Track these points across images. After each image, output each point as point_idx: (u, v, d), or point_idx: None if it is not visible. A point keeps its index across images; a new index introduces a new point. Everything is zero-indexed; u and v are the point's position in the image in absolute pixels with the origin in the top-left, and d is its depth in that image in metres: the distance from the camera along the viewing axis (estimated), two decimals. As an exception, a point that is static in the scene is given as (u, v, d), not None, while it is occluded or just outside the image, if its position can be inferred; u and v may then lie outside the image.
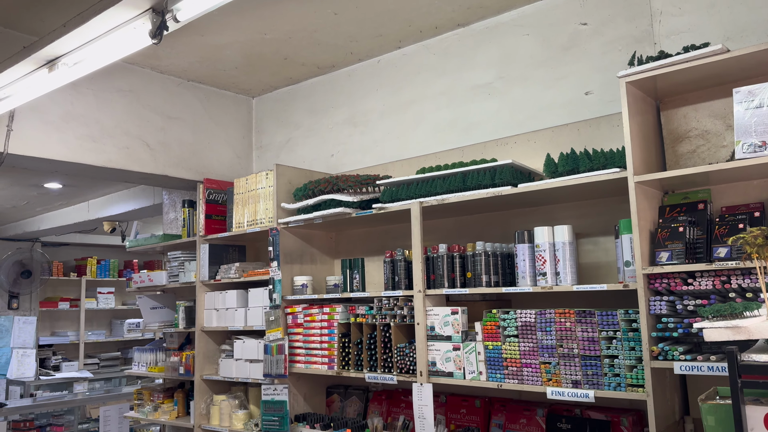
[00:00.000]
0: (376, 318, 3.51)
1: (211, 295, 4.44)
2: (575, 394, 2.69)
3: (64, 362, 7.56)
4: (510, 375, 2.93)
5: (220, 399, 4.30)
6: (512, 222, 3.43)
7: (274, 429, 3.80)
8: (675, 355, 2.40)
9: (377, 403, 3.89)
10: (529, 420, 3.17)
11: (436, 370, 3.20)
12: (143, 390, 4.98)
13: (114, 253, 8.81)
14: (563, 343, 2.77)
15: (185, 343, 4.80)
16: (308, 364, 3.80)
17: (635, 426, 2.85)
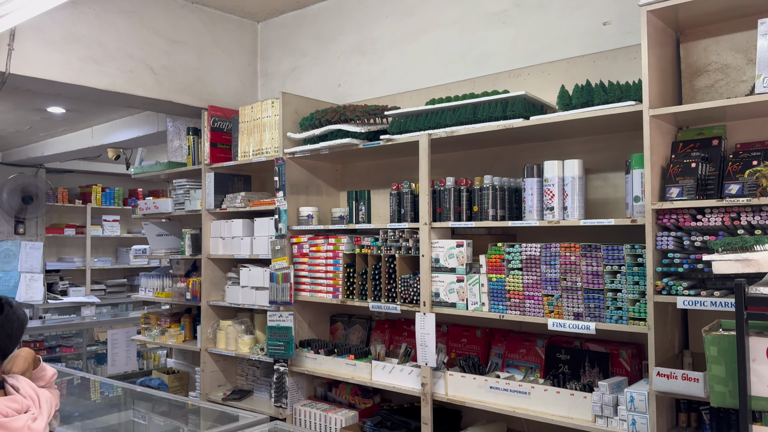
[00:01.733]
0: (381, 249, 3.53)
1: (216, 223, 4.46)
2: (576, 326, 2.73)
3: (71, 287, 7.70)
4: (512, 306, 2.97)
5: (227, 324, 4.40)
6: (521, 157, 3.39)
7: (280, 353, 3.90)
8: (679, 290, 2.42)
9: (380, 332, 3.97)
10: (528, 350, 3.24)
11: (439, 300, 3.25)
12: (150, 314, 5.08)
13: (119, 181, 8.81)
14: (567, 277, 2.79)
15: (191, 270, 4.86)
16: (313, 293, 3.85)
17: (634, 359, 2.91)
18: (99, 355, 6.61)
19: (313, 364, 3.81)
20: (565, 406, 2.77)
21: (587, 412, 2.71)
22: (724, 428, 2.52)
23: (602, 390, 2.65)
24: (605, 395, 2.63)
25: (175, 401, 2.94)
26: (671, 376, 2.35)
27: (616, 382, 2.69)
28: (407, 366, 3.44)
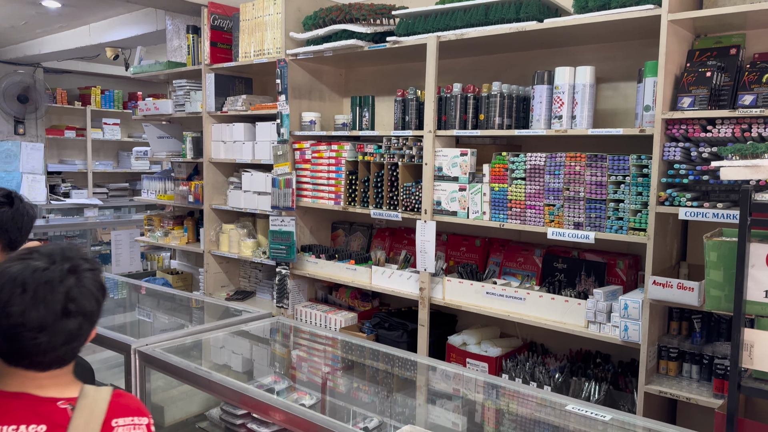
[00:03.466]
0: (384, 157, 3.50)
1: (218, 127, 4.41)
2: (575, 235, 2.75)
3: (73, 190, 7.72)
4: (513, 216, 2.99)
5: (229, 228, 4.44)
6: (531, 64, 3.30)
7: (282, 257, 3.96)
8: (682, 201, 2.42)
9: (380, 239, 4.02)
10: (526, 259, 3.29)
11: (440, 209, 3.26)
12: (153, 216, 5.13)
13: (118, 84, 8.64)
14: (570, 187, 2.78)
15: (193, 173, 4.85)
16: (315, 199, 3.86)
17: (630, 269, 2.96)
18: (103, 256, 6.74)
19: (314, 268, 3.88)
20: (559, 312, 2.85)
21: (581, 318, 2.78)
22: (714, 336, 2.60)
23: (597, 297, 2.71)
24: (599, 302, 2.69)
25: (180, 297, 3.01)
26: (667, 284, 2.39)
27: (611, 291, 2.74)
28: (406, 271, 3.51)
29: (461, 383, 2.15)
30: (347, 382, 2.38)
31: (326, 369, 2.45)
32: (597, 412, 1.64)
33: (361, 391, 2.30)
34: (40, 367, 1.20)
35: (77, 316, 1.19)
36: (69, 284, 1.18)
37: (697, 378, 2.60)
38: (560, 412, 1.75)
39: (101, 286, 1.26)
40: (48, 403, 1.19)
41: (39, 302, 1.15)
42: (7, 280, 1.16)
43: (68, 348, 1.20)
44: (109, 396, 1.24)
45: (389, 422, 1.97)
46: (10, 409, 1.15)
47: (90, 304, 1.21)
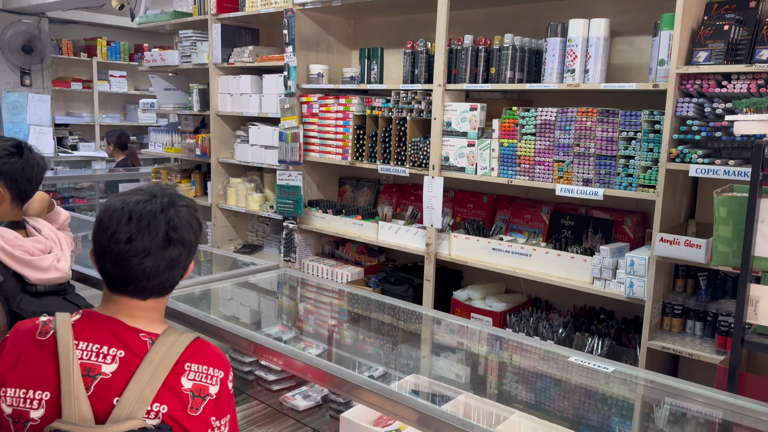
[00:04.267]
0: (392, 111, 3.47)
1: (224, 79, 4.36)
2: (584, 192, 2.74)
3: (81, 143, 7.72)
4: (521, 172, 2.97)
5: (237, 182, 4.44)
6: (545, 17, 3.22)
7: (289, 211, 3.97)
8: (693, 157, 2.39)
9: (387, 195, 4.01)
10: (533, 216, 3.28)
11: (448, 164, 3.24)
12: (161, 169, 5.13)
13: (124, 35, 8.53)
14: (580, 143, 2.75)
15: (200, 126, 4.83)
16: (322, 154, 3.84)
17: (638, 226, 2.95)
18: (112, 209, 6.76)
19: (321, 223, 3.89)
20: (565, 268, 2.85)
21: (586, 274, 2.79)
22: (719, 293, 2.60)
23: (603, 254, 2.71)
24: (606, 259, 2.70)
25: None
26: (674, 241, 2.38)
27: (617, 248, 2.74)
28: (413, 227, 3.51)
29: (465, 335, 2.17)
30: (353, 333, 2.42)
31: (332, 320, 2.48)
32: (600, 364, 1.66)
33: (367, 342, 2.34)
34: (142, 293, 1.26)
35: (178, 245, 1.25)
36: (169, 215, 1.25)
37: (700, 335, 2.62)
38: (563, 364, 1.77)
39: (197, 220, 1.33)
40: (132, 332, 1.25)
41: (144, 230, 1.22)
42: (114, 211, 1.24)
43: (170, 275, 1.26)
44: (189, 341, 1.28)
45: (394, 373, 2.00)
46: (99, 330, 1.23)
47: (188, 234, 1.28)
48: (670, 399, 1.54)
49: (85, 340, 1.22)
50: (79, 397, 1.16)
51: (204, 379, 1.26)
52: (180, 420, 1.21)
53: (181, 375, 1.23)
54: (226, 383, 1.30)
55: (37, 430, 1.17)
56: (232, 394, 1.34)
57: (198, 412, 1.24)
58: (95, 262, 1.28)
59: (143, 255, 1.22)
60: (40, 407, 1.18)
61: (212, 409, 1.26)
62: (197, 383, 1.24)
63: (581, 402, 1.76)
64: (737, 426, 1.46)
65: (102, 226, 1.25)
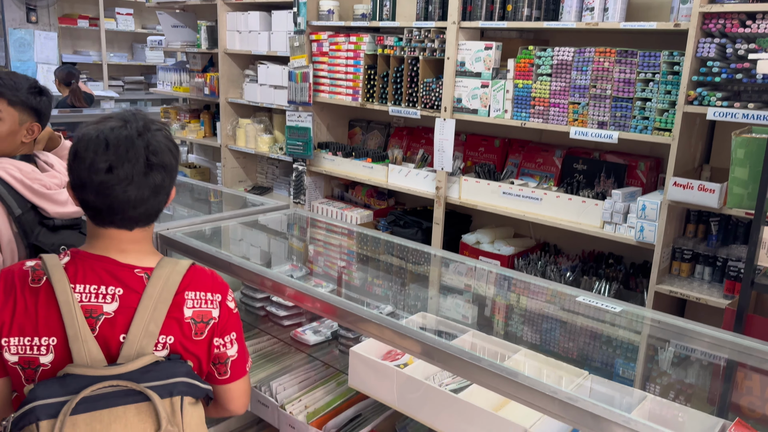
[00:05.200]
0: (404, 50, 3.39)
1: (233, 15, 4.27)
2: (599, 135, 2.70)
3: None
4: (535, 114, 2.92)
5: (246, 122, 4.41)
6: (564, -49, 3.09)
7: (298, 153, 3.95)
8: (711, 100, 2.34)
9: (398, 138, 3.98)
10: (545, 160, 3.25)
11: (460, 106, 3.19)
12: (170, 109, 5.09)
13: (129, -28, 8.31)
14: (597, 84, 2.69)
15: (208, 65, 4.76)
16: (332, 94, 3.79)
17: (651, 171, 2.92)
18: (121, 150, 6.75)
19: (330, 165, 3.88)
20: (575, 213, 2.84)
21: (596, 218, 2.78)
22: (730, 239, 2.59)
23: (615, 198, 2.69)
24: (617, 203, 2.68)
25: (199, 187, 3.04)
26: (688, 186, 2.36)
27: (629, 192, 2.72)
28: (423, 170, 3.49)
29: (473, 275, 2.19)
30: (362, 272, 2.44)
31: (342, 259, 2.50)
32: (607, 303, 1.67)
33: (376, 280, 2.36)
34: (129, 223, 1.24)
35: (159, 170, 1.23)
36: (147, 139, 1.22)
37: (708, 279, 2.62)
38: (571, 304, 1.79)
39: (173, 143, 1.30)
40: (126, 269, 1.23)
41: (123, 157, 1.19)
42: (90, 141, 1.20)
43: (155, 201, 1.24)
44: (185, 269, 1.27)
45: (402, 311, 2.03)
46: (93, 270, 1.22)
47: (168, 158, 1.25)
48: (677, 339, 1.55)
49: (81, 283, 1.20)
50: (87, 339, 1.17)
51: (204, 305, 1.27)
52: (187, 346, 1.24)
53: (182, 305, 1.24)
54: (226, 304, 1.31)
55: (49, 373, 1.18)
56: (236, 312, 1.35)
57: (203, 336, 1.27)
58: (75, 195, 1.24)
59: (126, 183, 1.19)
60: (49, 352, 1.17)
61: (216, 330, 1.29)
62: (197, 310, 1.26)
63: (588, 341, 1.78)
64: (744, 366, 1.48)
65: (79, 157, 1.20)
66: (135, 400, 1.14)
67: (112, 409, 1.13)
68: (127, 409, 1.13)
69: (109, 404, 1.13)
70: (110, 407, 1.13)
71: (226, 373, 1.33)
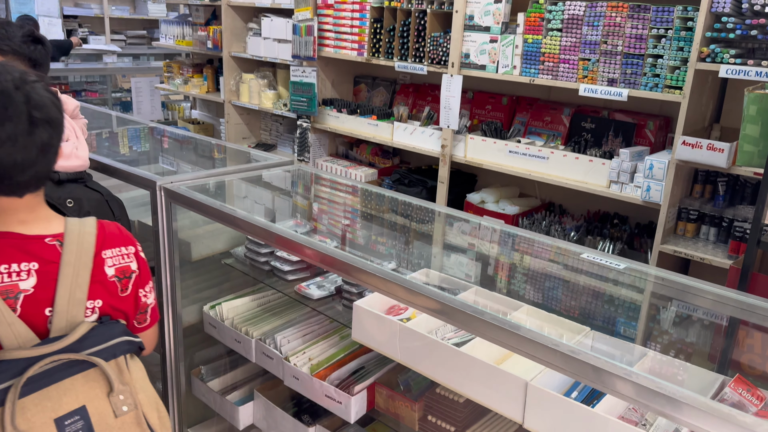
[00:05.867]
0: (411, 3, 3.31)
1: (236, -33, 4.17)
2: (608, 92, 2.65)
3: (90, 36, 7.53)
4: (545, 70, 2.87)
5: (249, 78, 4.35)
6: None
7: (302, 109, 3.91)
8: (725, 57, 2.29)
9: (404, 95, 3.92)
10: (553, 118, 3.21)
11: (468, 62, 3.13)
12: (172, 63, 5.03)
13: None
14: (608, 40, 2.63)
15: (211, 18, 4.68)
16: (337, 49, 3.73)
17: (660, 131, 2.88)
18: (124, 103, 6.71)
19: (335, 122, 3.84)
20: (582, 172, 2.82)
21: (603, 178, 2.76)
22: (737, 200, 2.58)
23: (622, 157, 2.67)
24: (624, 162, 2.65)
25: (203, 142, 3.02)
26: (696, 145, 2.33)
27: (637, 151, 2.69)
28: (429, 128, 3.46)
29: (478, 233, 2.18)
30: (366, 228, 2.44)
31: (346, 216, 2.50)
32: (611, 261, 1.67)
33: (380, 236, 2.36)
34: (18, 190, 1.14)
35: (45, 126, 1.11)
36: (25, 91, 1.10)
37: (713, 240, 2.62)
38: (575, 260, 1.79)
39: (55, 95, 1.18)
40: (35, 241, 1.16)
41: (2, 115, 1.07)
42: None
43: (44, 162, 1.13)
44: (95, 228, 1.23)
45: (406, 267, 2.03)
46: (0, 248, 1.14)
47: (53, 111, 1.13)
48: (681, 296, 1.55)
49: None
50: (12, 322, 1.10)
51: (122, 260, 1.26)
52: (115, 305, 1.24)
53: (102, 265, 1.22)
54: (139, 254, 1.31)
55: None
56: (145, 259, 1.35)
57: (128, 291, 1.27)
58: None
59: (11, 143, 1.06)
60: None
61: (139, 283, 1.30)
62: (119, 267, 1.25)
63: (591, 298, 1.79)
64: (746, 324, 1.48)
65: None
66: (80, 369, 1.12)
67: (59, 383, 1.10)
68: (74, 380, 1.11)
69: (55, 379, 1.10)
70: (56, 382, 1.10)
71: (146, 321, 1.35)
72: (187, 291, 2.19)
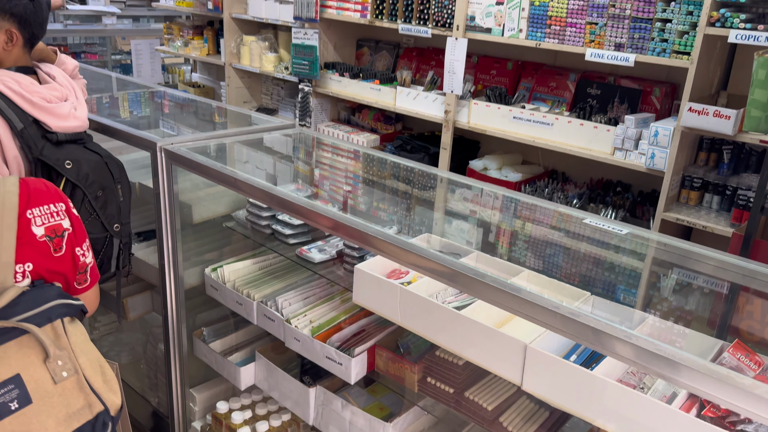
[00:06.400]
0: (416, -36, 3.24)
1: (237, -75, 4.07)
2: (615, 57, 2.61)
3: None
4: (551, 34, 2.82)
5: (250, 40, 4.29)
6: None
7: (304, 73, 3.86)
8: (735, 22, 2.24)
9: (407, 59, 3.87)
10: (559, 84, 3.16)
11: (473, 25, 3.08)
12: (173, 25, 4.95)
13: None
14: (616, 3, 2.58)
15: (212, -21, 4.58)
16: (340, 10, 3.66)
17: (666, 97, 2.84)
18: (124, 66, 6.64)
19: (337, 87, 3.80)
20: (587, 138, 2.80)
21: (607, 144, 2.73)
22: (741, 168, 2.56)
23: (628, 124, 2.64)
24: (629, 129, 2.63)
25: (204, 105, 2.99)
26: (703, 112, 2.30)
27: (642, 118, 2.66)
28: (433, 93, 3.42)
29: (480, 198, 2.17)
30: (368, 192, 2.43)
31: (348, 180, 2.49)
32: (614, 226, 1.66)
33: (382, 201, 2.35)
34: None
35: None
36: None
37: (716, 208, 2.60)
38: (577, 226, 1.78)
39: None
40: None
41: None
42: None
43: None
44: (16, 187, 1.15)
45: (407, 232, 2.03)
46: None
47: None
48: (682, 262, 1.55)
49: None
50: None
51: (52, 218, 1.19)
52: (49, 267, 1.19)
53: (29, 226, 1.15)
54: (71, 210, 1.25)
55: None
56: (78, 216, 1.29)
57: (62, 251, 1.21)
58: None
59: None
60: None
61: (73, 241, 1.24)
62: (48, 226, 1.18)
63: (592, 263, 1.79)
64: (747, 290, 1.48)
65: None
66: (11, 336, 1.06)
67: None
68: (6, 348, 1.06)
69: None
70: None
71: (87, 281, 1.30)
72: (189, 253, 2.20)
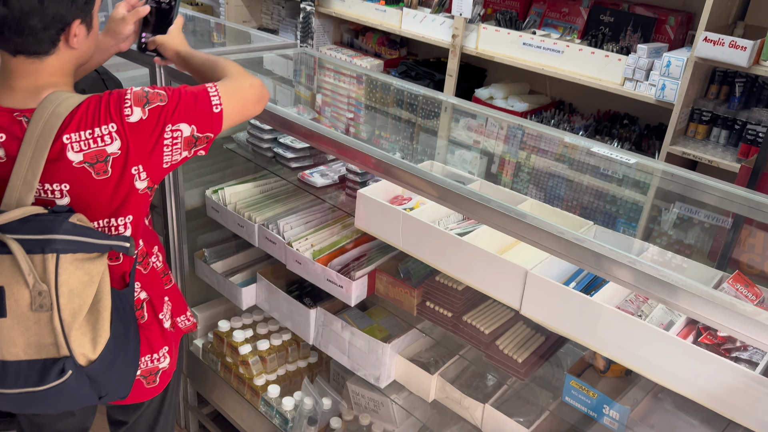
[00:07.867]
0: None
1: None
2: (632, -18, 2.50)
3: None
4: (566, -44, 2.69)
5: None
6: None
7: None
8: (762, -54, 2.13)
9: None
10: (571, 10, 3.05)
11: (485, -56, 2.93)
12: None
13: None
14: (637, -77, 2.45)
15: None
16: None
17: (681, 27, 2.75)
18: None
19: (340, 7, 3.67)
20: (597, 68, 2.72)
21: (618, 74, 2.66)
22: (753, 102, 2.50)
23: (640, 53, 2.56)
24: (641, 59, 2.55)
25: (202, 20, 2.89)
26: (719, 42, 2.23)
27: (655, 47, 2.58)
28: (440, 16, 3.30)
29: (485, 125, 2.14)
30: (371, 117, 2.39)
31: (351, 104, 2.44)
32: (621, 155, 1.64)
33: (385, 126, 2.32)
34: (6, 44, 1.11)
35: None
36: None
37: (723, 143, 2.57)
38: (583, 155, 1.76)
39: None
40: (5, 114, 1.12)
41: None
42: None
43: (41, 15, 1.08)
44: (70, 109, 1.11)
45: (411, 158, 2.00)
46: None
47: None
48: (688, 193, 1.54)
49: None
50: None
51: (93, 144, 1.12)
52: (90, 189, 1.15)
53: (64, 151, 1.11)
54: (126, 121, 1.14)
55: None
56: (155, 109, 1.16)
57: (108, 173, 1.15)
58: None
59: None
60: None
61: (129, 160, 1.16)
62: (87, 152, 1.12)
63: (596, 192, 1.78)
64: (750, 222, 1.48)
65: None
66: (8, 251, 1.06)
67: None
68: (2, 259, 1.06)
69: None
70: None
71: None
72: (189, 174, 2.18)
